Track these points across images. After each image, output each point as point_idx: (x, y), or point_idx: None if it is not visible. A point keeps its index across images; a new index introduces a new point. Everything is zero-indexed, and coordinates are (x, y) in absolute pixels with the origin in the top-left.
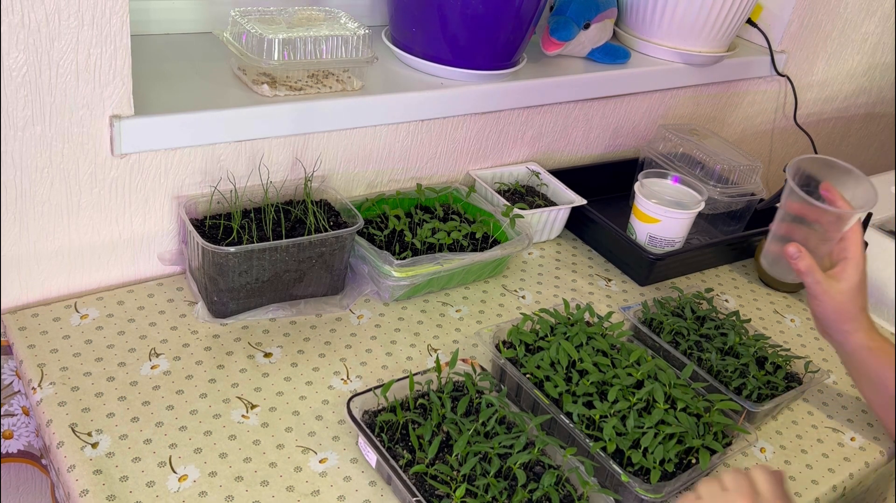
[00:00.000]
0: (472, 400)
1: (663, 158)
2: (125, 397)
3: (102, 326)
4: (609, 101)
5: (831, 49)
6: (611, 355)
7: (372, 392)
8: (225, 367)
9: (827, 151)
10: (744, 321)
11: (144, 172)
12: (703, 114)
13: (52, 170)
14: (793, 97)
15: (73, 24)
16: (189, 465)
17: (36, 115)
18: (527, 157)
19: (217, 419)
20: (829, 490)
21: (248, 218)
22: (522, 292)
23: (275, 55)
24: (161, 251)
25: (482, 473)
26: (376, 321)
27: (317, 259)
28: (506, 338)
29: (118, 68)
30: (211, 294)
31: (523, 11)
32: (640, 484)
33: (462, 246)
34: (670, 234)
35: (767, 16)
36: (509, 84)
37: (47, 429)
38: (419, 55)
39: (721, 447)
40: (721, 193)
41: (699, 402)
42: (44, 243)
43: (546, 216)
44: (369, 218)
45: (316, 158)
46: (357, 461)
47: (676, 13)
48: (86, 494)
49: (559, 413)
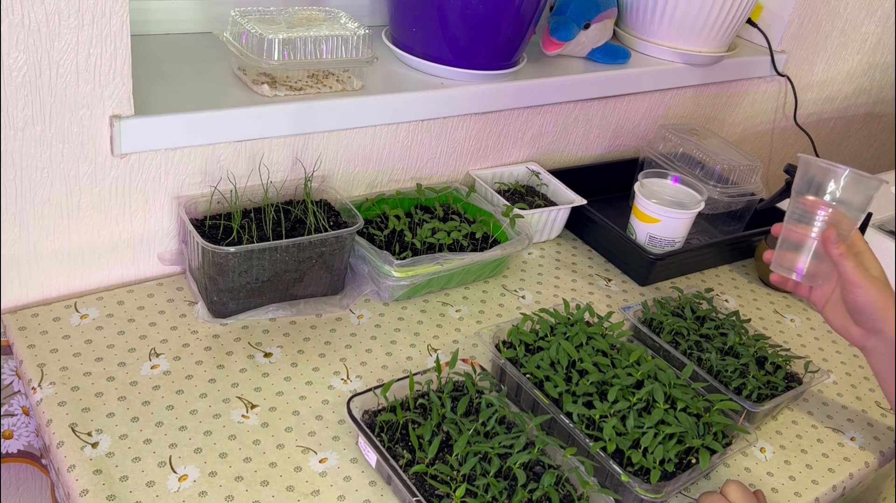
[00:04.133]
0: (472, 400)
1: (663, 158)
2: (125, 397)
3: (102, 326)
4: (609, 101)
5: (831, 49)
6: (611, 355)
7: (372, 392)
8: (225, 367)
9: (827, 151)
10: (744, 321)
11: (144, 172)
12: (703, 114)
13: (52, 170)
14: (793, 97)
15: (73, 24)
16: (189, 465)
17: (36, 115)
18: (527, 157)
19: (217, 419)
20: (829, 490)
21: (248, 218)
22: (522, 292)
23: (275, 55)
24: (161, 251)
25: (482, 473)
26: (376, 321)
27: (317, 259)
28: (506, 338)
29: (118, 68)
30: (211, 294)
31: (523, 11)
32: (640, 484)
33: (462, 246)
34: (670, 234)
35: (767, 16)
36: (509, 84)
37: (47, 429)
38: (419, 55)
39: (721, 447)
40: (721, 193)
41: (699, 402)
42: (44, 243)
43: (546, 216)
44: (369, 218)
45: (316, 158)
46: (357, 461)
47: (676, 13)
48: (86, 494)
49: (559, 413)
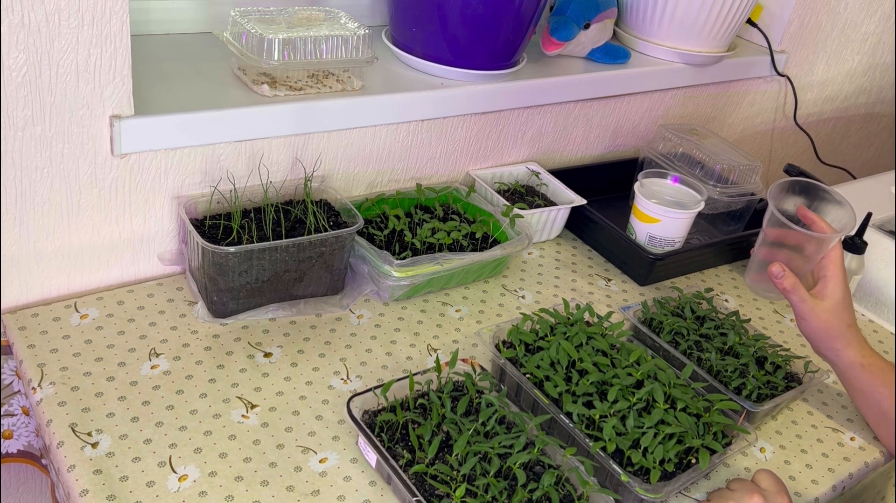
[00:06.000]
0: (472, 400)
1: (663, 158)
2: (125, 397)
3: (102, 326)
4: (609, 101)
5: (831, 49)
6: (611, 355)
7: (372, 392)
8: (225, 367)
9: (827, 151)
10: (744, 321)
11: (144, 172)
12: (703, 114)
13: (52, 170)
14: (793, 97)
15: (73, 24)
16: (189, 465)
17: (36, 115)
18: (527, 157)
19: (217, 419)
20: (829, 490)
21: (248, 218)
22: (522, 292)
23: (275, 55)
24: (161, 251)
25: (482, 473)
26: (376, 321)
27: (317, 259)
28: (506, 338)
29: (118, 68)
30: (211, 294)
31: (523, 11)
32: (640, 484)
33: (462, 246)
34: (670, 234)
35: (767, 16)
36: (509, 84)
37: (47, 429)
38: (419, 55)
39: (721, 447)
40: (721, 193)
41: (699, 402)
42: (44, 243)
43: (546, 216)
44: (369, 218)
45: (316, 158)
46: (357, 461)
47: (676, 13)
48: (86, 494)
49: (559, 413)
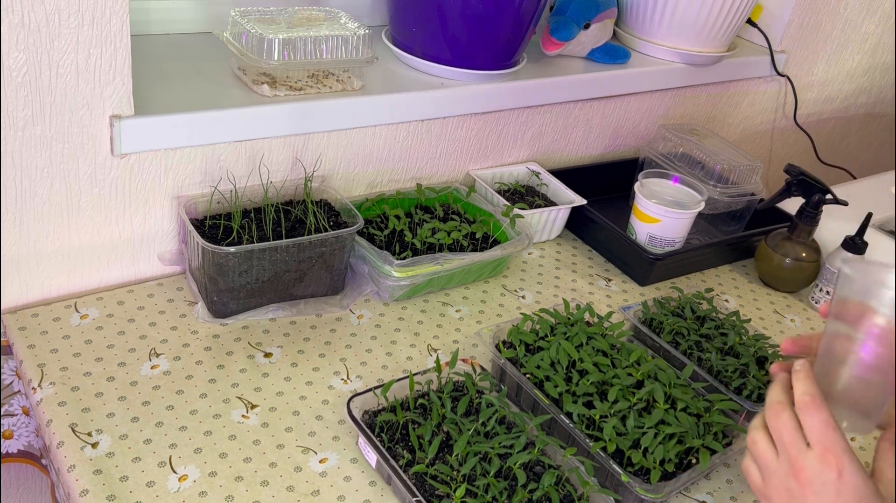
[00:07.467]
0: (472, 400)
1: (663, 158)
2: (125, 397)
3: (102, 326)
4: (609, 101)
5: (831, 49)
6: (611, 355)
7: (372, 392)
8: (225, 367)
9: (827, 151)
10: (744, 321)
11: (144, 172)
12: (703, 114)
13: (52, 170)
14: (793, 97)
15: (73, 24)
16: (189, 465)
17: (36, 115)
18: (527, 157)
19: (217, 419)
20: None
21: (248, 218)
22: (522, 292)
23: (275, 55)
24: (161, 251)
25: (482, 473)
26: (376, 321)
27: (317, 259)
28: (506, 338)
29: (118, 68)
30: (211, 294)
31: (523, 11)
32: (640, 484)
33: (462, 246)
34: (670, 234)
35: (767, 16)
36: (509, 84)
37: (47, 429)
38: (419, 55)
39: (721, 447)
40: (721, 193)
41: (699, 402)
42: (44, 243)
43: (546, 216)
44: (369, 218)
45: (316, 158)
46: (357, 461)
47: (676, 13)
48: (86, 494)
49: (559, 413)
